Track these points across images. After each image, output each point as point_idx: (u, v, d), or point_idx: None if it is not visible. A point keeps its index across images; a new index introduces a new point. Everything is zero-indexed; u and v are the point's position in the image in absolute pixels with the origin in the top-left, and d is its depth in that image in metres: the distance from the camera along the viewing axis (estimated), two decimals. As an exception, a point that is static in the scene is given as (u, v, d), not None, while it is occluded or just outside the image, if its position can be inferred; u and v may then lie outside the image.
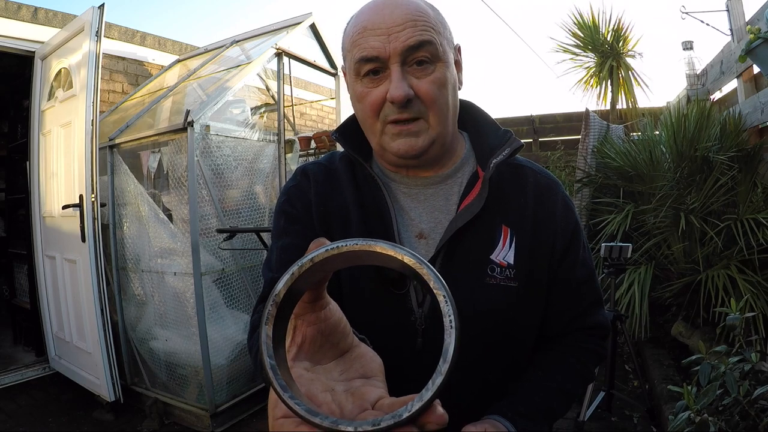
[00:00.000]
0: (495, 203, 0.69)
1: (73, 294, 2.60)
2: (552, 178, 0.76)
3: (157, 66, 3.84)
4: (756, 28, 1.97)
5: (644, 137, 3.04)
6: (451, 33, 0.69)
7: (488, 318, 0.67)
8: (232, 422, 2.36)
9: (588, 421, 2.03)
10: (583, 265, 0.75)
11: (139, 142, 2.59)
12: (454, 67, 0.69)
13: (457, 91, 0.70)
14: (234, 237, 2.36)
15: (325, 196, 0.74)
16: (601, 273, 2.80)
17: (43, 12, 3.07)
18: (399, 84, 0.63)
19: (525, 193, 0.72)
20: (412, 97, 0.64)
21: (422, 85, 0.64)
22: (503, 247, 0.68)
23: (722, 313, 1.37)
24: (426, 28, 0.63)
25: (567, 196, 0.75)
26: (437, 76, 0.64)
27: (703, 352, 1.16)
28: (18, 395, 2.67)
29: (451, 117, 0.68)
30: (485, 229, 0.68)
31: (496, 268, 0.67)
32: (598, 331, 0.77)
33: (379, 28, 0.63)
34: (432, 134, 0.66)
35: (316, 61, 3.19)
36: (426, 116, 0.66)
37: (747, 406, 1.02)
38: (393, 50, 0.63)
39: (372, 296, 0.68)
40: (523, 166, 0.75)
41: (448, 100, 0.67)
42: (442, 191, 0.72)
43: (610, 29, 4.55)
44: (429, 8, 0.67)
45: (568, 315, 0.75)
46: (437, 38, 0.64)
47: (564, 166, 4.55)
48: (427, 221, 0.71)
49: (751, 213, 2.28)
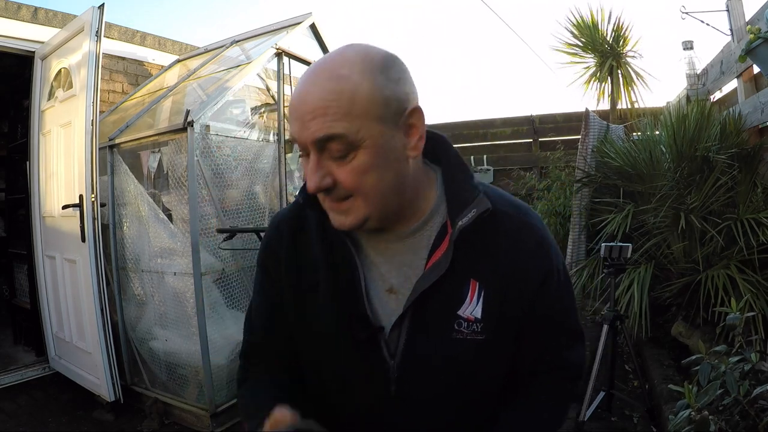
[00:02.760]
0: (464, 257, 0.68)
1: (73, 294, 2.60)
2: (527, 218, 0.73)
3: (157, 66, 3.84)
4: (756, 28, 1.97)
5: (644, 137, 3.04)
6: (400, 93, 0.62)
7: (455, 369, 0.69)
8: (232, 422, 2.36)
9: (588, 421, 2.03)
10: (557, 304, 0.74)
11: (139, 142, 2.59)
12: (398, 138, 0.63)
13: (403, 162, 0.65)
14: (234, 237, 2.35)
15: (296, 252, 0.75)
16: (600, 273, 2.81)
17: (43, 12, 3.07)
18: (312, 176, 0.62)
19: (496, 242, 0.70)
20: (328, 186, 0.62)
21: (341, 173, 0.61)
22: (471, 302, 0.68)
23: (722, 313, 1.37)
24: (336, 118, 0.59)
25: (542, 236, 0.72)
26: (356, 164, 0.61)
27: (703, 352, 1.16)
28: (18, 395, 2.67)
29: (389, 192, 0.64)
30: (453, 285, 0.68)
31: (463, 323, 0.68)
32: (569, 372, 0.78)
33: (297, 112, 0.61)
34: (362, 213, 0.64)
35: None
36: (354, 198, 0.63)
37: (747, 405, 1.02)
38: (306, 139, 0.61)
39: (347, 350, 0.71)
40: (499, 217, 0.70)
41: (378, 182, 0.62)
42: (410, 245, 0.71)
43: (609, 29, 4.55)
44: (361, 80, 0.59)
45: (539, 354, 0.75)
46: (353, 125, 0.59)
47: (564, 166, 4.56)
48: (397, 276, 0.71)
49: (751, 213, 2.28)
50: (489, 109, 4.19)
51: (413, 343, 0.69)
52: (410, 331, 0.69)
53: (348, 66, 0.60)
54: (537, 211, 4.42)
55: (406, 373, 0.69)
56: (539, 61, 15.99)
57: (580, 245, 3.50)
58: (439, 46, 37.01)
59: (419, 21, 41.59)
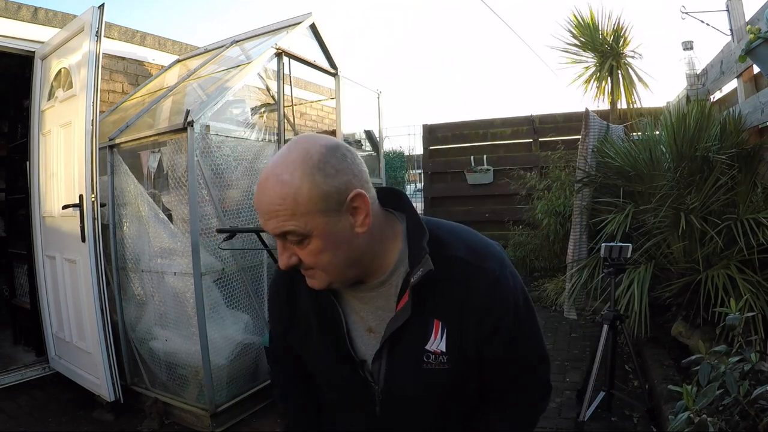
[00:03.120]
0: (426, 302, 0.79)
1: (73, 294, 2.60)
2: (482, 262, 0.81)
3: (157, 66, 3.84)
4: (756, 28, 1.97)
5: (644, 137, 3.04)
6: (339, 184, 0.72)
7: (429, 392, 0.83)
8: (232, 422, 2.36)
9: (588, 421, 2.03)
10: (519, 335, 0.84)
11: (139, 142, 2.59)
12: (344, 221, 0.74)
13: (354, 238, 0.75)
14: (234, 237, 2.35)
15: (290, 300, 0.92)
16: (600, 273, 2.81)
17: (43, 12, 3.07)
18: (281, 257, 0.76)
19: (452, 287, 0.80)
20: (295, 264, 0.76)
21: (301, 254, 0.74)
22: (435, 339, 0.80)
23: (722, 313, 1.37)
24: (286, 218, 0.71)
25: (496, 279, 0.81)
26: (311, 248, 0.73)
27: (703, 352, 1.16)
28: (18, 395, 2.67)
29: (344, 264, 0.76)
30: (419, 325, 0.80)
31: (431, 355, 0.81)
32: (540, 390, 0.90)
33: (258, 211, 0.74)
34: (325, 281, 0.77)
35: (316, 61, 3.19)
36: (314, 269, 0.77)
37: (747, 406, 1.02)
38: (269, 232, 0.74)
39: (340, 379, 0.87)
40: (453, 259, 0.80)
41: (333, 259, 0.75)
42: (382, 294, 0.83)
43: (610, 29, 4.55)
44: (301, 183, 0.70)
45: (507, 376, 0.87)
46: (303, 221, 0.71)
47: (564, 166, 4.56)
48: (373, 319, 0.84)
49: (751, 213, 2.28)
50: (489, 109, 4.21)
51: (392, 372, 0.83)
52: (388, 362, 0.83)
53: (290, 171, 0.70)
54: (537, 211, 4.41)
55: (388, 396, 0.84)
56: (539, 61, 16.01)
57: (581, 245, 3.50)
58: (439, 46, 37.04)
59: (419, 21, 41.63)
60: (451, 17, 73.72)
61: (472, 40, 78.01)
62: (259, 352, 2.57)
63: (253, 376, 2.60)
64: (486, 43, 71.65)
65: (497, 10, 7.03)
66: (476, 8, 29.77)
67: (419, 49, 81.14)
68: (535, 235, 4.68)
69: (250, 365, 2.58)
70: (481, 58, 78.92)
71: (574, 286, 3.10)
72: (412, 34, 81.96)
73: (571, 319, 3.63)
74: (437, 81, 49.57)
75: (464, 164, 5.87)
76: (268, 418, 2.44)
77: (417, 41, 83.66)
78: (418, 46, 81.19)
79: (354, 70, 3.46)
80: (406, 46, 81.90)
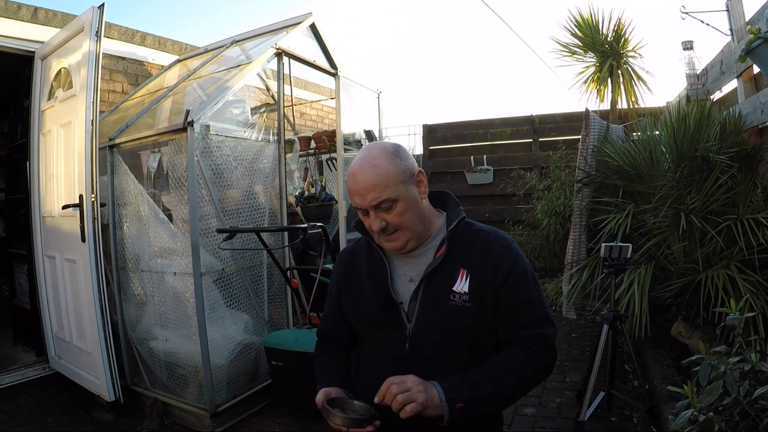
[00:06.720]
0: (456, 254, 1.09)
1: (73, 294, 2.60)
2: (499, 234, 1.13)
3: (157, 66, 3.84)
4: (756, 28, 1.97)
5: (644, 137, 3.03)
6: (409, 165, 1.07)
7: (452, 330, 1.06)
8: (232, 422, 2.36)
9: (588, 421, 2.03)
10: (525, 291, 1.07)
11: (139, 142, 2.59)
12: (414, 189, 1.07)
13: (420, 202, 1.08)
14: (234, 237, 2.35)
15: (347, 277, 1.21)
16: (601, 273, 2.80)
17: (43, 12, 3.07)
18: (374, 222, 1.05)
19: (476, 246, 1.10)
20: (384, 227, 1.05)
21: (390, 218, 1.05)
22: (461, 281, 1.07)
23: (722, 313, 1.37)
24: (384, 189, 1.02)
25: (509, 245, 1.10)
26: (398, 210, 1.04)
27: (703, 352, 1.15)
28: (18, 395, 2.67)
29: (417, 221, 1.08)
30: (449, 270, 1.08)
31: (456, 294, 1.06)
32: (545, 343, 1.08)
33: (355, 191, 1.04)
34: (406, 237, 1.07)
35: (316, 61, 3.19)
36: (399, 230, 1.06)
37: (747, 406, 1.02)
38: (367, 204, 1.04)
39: (380, 318, 1.11)
40: (478, 231, 1.13)
41: (411, 216, 1.06)
42: (424, 253, 1.13)
43: (610, 29, 4.55)
44: (388, 164, 1.03)
45: (513, 326, 1.07)
46: (393, 190, 1.02)
47: (564, 166, 4.55)
48: (415, 270, 1.12)
49: (751, 213, 2.28)
50: (489, 109, 4.18)
51: (424, 310, 1.07)
52: (422, 302, 1.07)
53: (378, 159, 1.04)
54: (537, 211, 4.43)
55: (418, 332, 1.06)
56: (539, 61, 15.99)
57: (581, 245, 3.50)
58: (439, 46, 36.93)
59: (419, 21, 41.54)
60: (451, 17, 72.99)
61: (472, 40, 78.09)
62: (259, 351, 2.57)
63: (253, 376, 2.60)
64: (486, 43, 71.91)
65: (497, 10, 7.00)
66: (476, 8, 29.72)
67: (419, 49, 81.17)
68: (535, 235, 4.68)
69: (250, 365, 2.58)
70: (481, 58, 78.89)
71: (574, 286, 3.09)
72: (412, 34, 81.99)
73: (570, 319, 3.62)
74: (437, 81, 49.71)
75: (464, 164, 5.87)
76: (268, 418, 2.44)
77: (417, 41, 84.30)
78: (418, 46, 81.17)
79: (354, 70, 3.45)
80: (407, 46, 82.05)
